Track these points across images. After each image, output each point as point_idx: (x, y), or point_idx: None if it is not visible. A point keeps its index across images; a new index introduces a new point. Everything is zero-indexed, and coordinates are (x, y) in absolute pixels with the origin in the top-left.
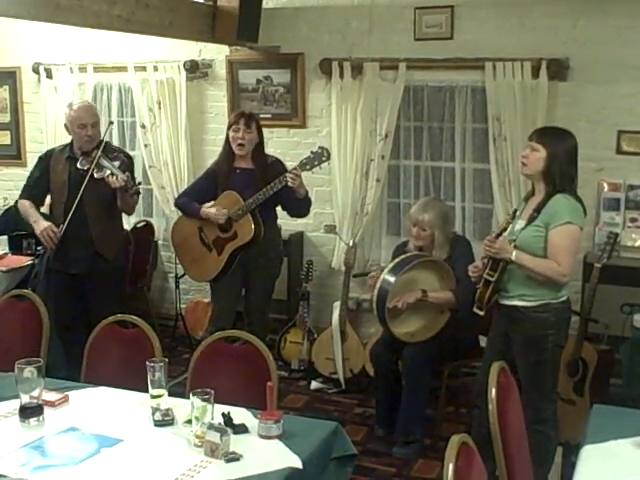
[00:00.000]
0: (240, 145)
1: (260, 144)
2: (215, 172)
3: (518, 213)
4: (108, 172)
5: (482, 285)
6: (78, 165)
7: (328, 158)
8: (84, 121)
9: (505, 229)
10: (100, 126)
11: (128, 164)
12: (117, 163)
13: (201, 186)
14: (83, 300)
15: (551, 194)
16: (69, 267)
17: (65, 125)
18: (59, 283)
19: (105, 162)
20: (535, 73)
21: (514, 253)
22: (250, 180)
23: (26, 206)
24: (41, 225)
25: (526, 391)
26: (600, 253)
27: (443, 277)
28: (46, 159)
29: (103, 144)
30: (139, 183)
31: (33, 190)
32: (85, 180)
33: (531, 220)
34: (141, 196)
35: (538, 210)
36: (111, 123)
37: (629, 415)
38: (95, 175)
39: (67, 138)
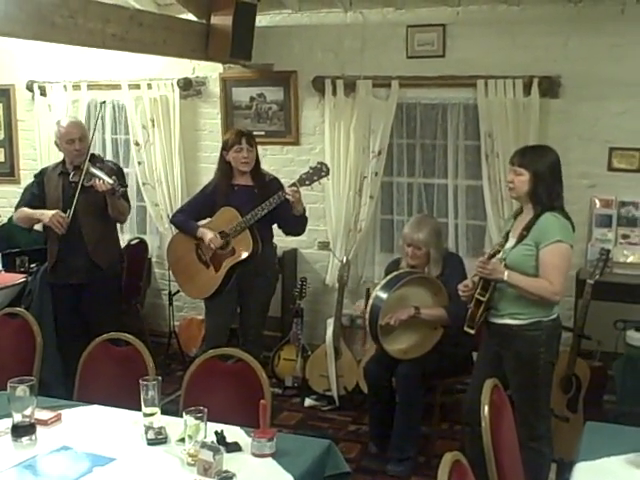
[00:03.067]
0: (245, 163)
1: (257, 161)
2: (213, 189)
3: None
4: (97, 179)
5: (473, 305)
6: (70, 178)
7: (327, 173)
8: (72, 136)
9: (498, 252)
10: (88, 140)
11: (115, 170)
12: (104, 169)
13: (198, 203)
14: (82, 312)
15: (540, 213)
16: (69, 277)
17: (55, 142)
18: (59, 296)
19: (93, 170)
20: (527, 90)
21: (506, 273)
22: (249, 197)
23: (24, 210)
24: (48, 213)
25: (519, 409)
26: (592, 269)
27: (436, 294)
28: (40, 177)
29: (89, 155)
30: (125, 186)
31: (28, 205)
32: (77, 191)
33: (521, 239)
34: (135, 213)
35: (528, 229)
36: (103, 103)
37: (622, 432)
38: (85, 184)
39: (61, 155)
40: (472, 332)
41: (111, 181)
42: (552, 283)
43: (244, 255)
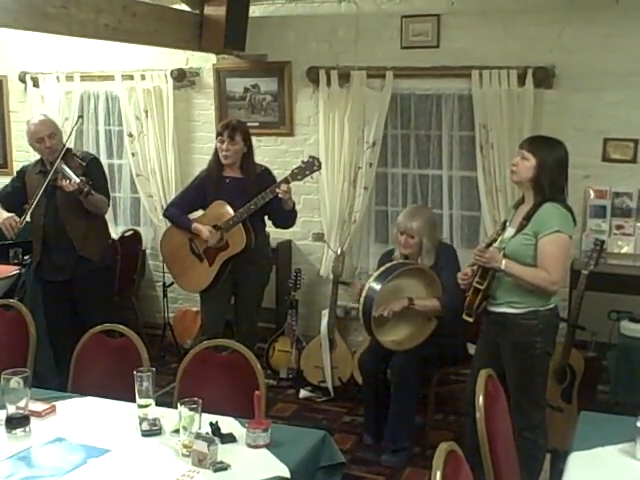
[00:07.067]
0: (224, 156)
1: (249, 153)
2: (204, 181)
3: (507, 223)
4: (65, 179)
5: (471, 293)
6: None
7: (319, 168)
8: (40, 134)
9: (495, 240)
10: (61, 136)
11: (85, 167)
12: (74, 166)
13: (190, 196)
14: (72, 305)
15: (540, 203)
16: (55, 275)
17: (29, 142)
18: (47, 291)
19: (63, 167)
20: (521, 81)
21: (504, 262)
22: (240, 189)
23: None
24: (3, 215)
25: (515, 398)
26: (587, 260)
27: (429, 284)
28: (21, 174)
29: (63, 151)
30: (92, 183)
31: (5, 199)
32: (50, 188)
33: (520, 228)
34: (128, 204)
35: (528, 218)
36: (80, 117)
37: (616, 422)
38: (56, 183)
39: None
40: (470, 320)
41: (78, 180)
42: (550, 273)
43: (238, 249)
